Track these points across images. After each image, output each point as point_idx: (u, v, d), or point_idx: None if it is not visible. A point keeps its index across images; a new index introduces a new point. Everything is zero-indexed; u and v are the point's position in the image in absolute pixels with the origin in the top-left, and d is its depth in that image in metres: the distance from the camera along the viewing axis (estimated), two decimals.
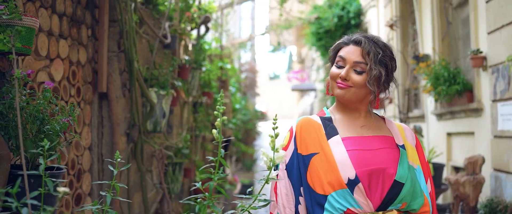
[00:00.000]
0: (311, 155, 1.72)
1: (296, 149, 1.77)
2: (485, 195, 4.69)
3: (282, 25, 10.90)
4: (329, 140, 1.74)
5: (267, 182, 1.56)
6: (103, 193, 1.43)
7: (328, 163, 1.69)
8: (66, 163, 2.73)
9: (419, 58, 6.37)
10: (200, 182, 1.53)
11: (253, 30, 16.57)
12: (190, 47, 5.55)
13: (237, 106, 10.14)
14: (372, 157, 1.72)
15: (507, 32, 4.41)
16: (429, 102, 6.64)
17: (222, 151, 1.52)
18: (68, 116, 1.96)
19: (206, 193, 1.50)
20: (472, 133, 5.37)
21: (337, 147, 1.73)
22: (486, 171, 4.84)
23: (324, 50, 11.84)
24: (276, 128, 1.55)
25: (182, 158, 4.63)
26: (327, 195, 1.66)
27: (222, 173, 1.53)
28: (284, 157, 1.57)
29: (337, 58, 1.81)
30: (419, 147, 1.87)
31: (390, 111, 8.53)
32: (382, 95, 1.82)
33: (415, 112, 7.43)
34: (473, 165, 4.69)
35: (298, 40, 20.14)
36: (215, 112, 1.59)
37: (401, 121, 6.94)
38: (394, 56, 1.82)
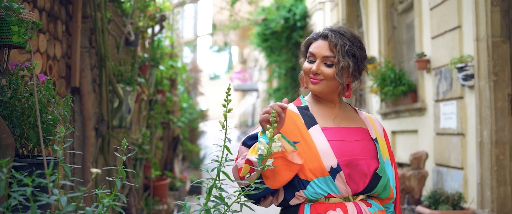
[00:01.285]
0: (292, 143, 1.75)
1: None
2: (428, 187, 5.06)
3: (231, 25, 11.04)
4: (309, 129, 1.79)
5: (263, 168, 1.67)
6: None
7: (310, 151, 1.75)
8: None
9: (369, 61, 6.72)
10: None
11: (195, 30, 16.59)
12: (146, 45, 5.60)
13: (185, 105, 10.19)
14: (351, 148, 1.79)
15: (450, 38, 4.78)
16: (374, 102, 7.00)
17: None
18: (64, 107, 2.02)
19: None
20: (415, 131, 5.74)
21: (318, 136, 1.79)
22: (429, 166, 5.21)
23: (269, 51, 12.09)
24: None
25: (143, 154, 4.68)
26: (309, 181, 1.75)
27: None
28: (280, 147, 1.69)
29: (308, 54, 1.86)
30: (386, 137, 1.95)
31: None
32: (354, 85, 1.90)
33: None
34: (418, 161, 5.04)
35: (241, 40, 20.36)
36: (222, 103, 1.70)
37: None
38: (362, 46, 1.86)
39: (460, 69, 4.45)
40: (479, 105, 4.29)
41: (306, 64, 1.86)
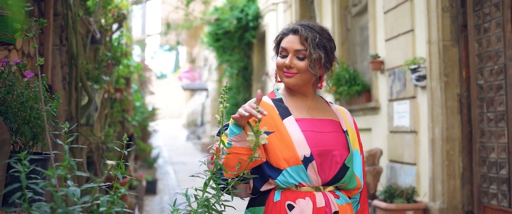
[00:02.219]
0: (266, 134, 1.79)
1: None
2: (382, 183, 5.32)
3: (185, 24, 11.04)
4: (283, 120, 1.85)
5: (251, 159, 1.77)
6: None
7: (284, 141, 1.81)
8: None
9: None
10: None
11: (144, 29, 16.43)
12: (106, 44, 5.57)
13: (138, 104, 10.11)
14: (324, 139, 1.86)
15: (403, 40, 5.06)
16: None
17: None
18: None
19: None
20: (369, 129, 6.01)
21: (292, 126, 1.84)
22: (383, 162, 5.47)
23: (221, 51, 12.18)
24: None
25: (106, 152, 4.67)
26: (282, 170, 1.80)
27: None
28: (266, 138, 1.74)
29: (280, 49, 1.91)
30: (356, 129, 2.02)
31: None
32: (326, 76, 1.97)
33: None
34: (373, 157, 5.29)
35: (189, 40, 20.30)
36: (219, 100, 1.80)
37: None
38: (331, 37, 1.92)
39: (413, 71, 4.73)
40: (431, 104, 4.57)
41: (279, 59, 1.91)
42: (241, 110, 1.79)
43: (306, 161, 1.81)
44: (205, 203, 1.74)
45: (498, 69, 4.09)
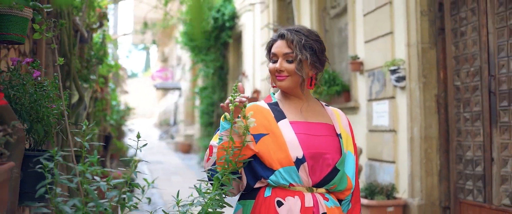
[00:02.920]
0: (261, 135, 1.91)
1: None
2: (362, 180, 5.48)
3: (162, 24, 11.04)
4: (278, 123, 1.92)
5: (243, 144, 1.84)
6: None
7: (278, 142, 1.88)
8: None
9: None
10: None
11: (116, 28, 16.30)
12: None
13: (114, 103, 10.07)
14: (317, 142, 1.92)
15: (382, 42, 5.23)
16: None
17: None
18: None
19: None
20: None
21: (286, 129, 1.91)
22: (362, 161, 5.63)
23: (197, 50, 12.21)
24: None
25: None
26: (275, 170, 1.87)
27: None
28: (254, 121, 1.81)
29: (271, 55, 1.98)
30: (351, 130, 2.07)
31: None
32: (318, 76, 2.04)
33: None
34: None
35: (162, 39, 20.21)
36: (230, 98, 1.88)
37: None
38: (319, 39, 1.97)
39: (393, 72, 4.90)
40: (410, 104, 4.75)
41: (270, 65, 1.98)
42: (227, 100, 1.88)
43: (298, 162, 1.87)
44: (217, 197, 1.82)
45: (474, 71, 4.29)
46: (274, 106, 1.99)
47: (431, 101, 4.68)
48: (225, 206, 1.80)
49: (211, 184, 1.88)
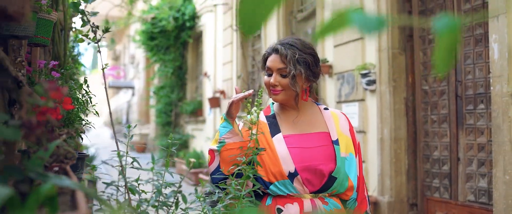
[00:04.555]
0: (260, 150, 1.96)
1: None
2: None
3: (125, 22, 10.91)
4: (273, 138, 1.99)
5: (253, 138, 1.97)
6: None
7: (273, 157, 1.95)
8: None
9: None
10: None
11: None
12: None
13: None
14: (310, 154, 1.97)
15: (353, 47, 5.46)
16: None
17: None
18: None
19: None
20: None
21: (279, 144, 1.98)
22: None
23: (156, 49, 12.14)
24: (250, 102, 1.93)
25: None
26: (271, 183, 1.95)
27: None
28: (259, 114, 1.91)
29: (266, 68, 2.03)
30: (352, 131, 2.10)
31: None
32: (312, 87, 2.08)
33: None
34: None
35: (114, 37, 19.87)
36: (258, 100, 1.98)
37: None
38: (314, 52, 2.01)
39: (364, 75, 5.13)
40: (380, 107, 5.00)
41: (265, 78, 2.03)
42: (230, 101, 2.00)
43: (291, 176, 1.94)
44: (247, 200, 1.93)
45: (441, 77, 4.58)
46: (271, 119, 2.06)
47: (401, 104, 4.95)
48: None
49: (221, 188, 1.98)
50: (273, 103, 2.15)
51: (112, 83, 19.49)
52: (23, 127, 0.96)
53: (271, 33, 7.63)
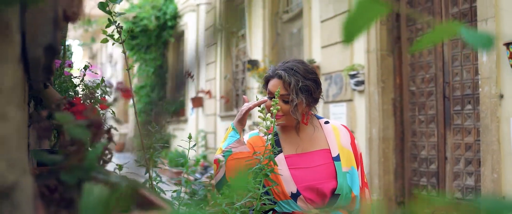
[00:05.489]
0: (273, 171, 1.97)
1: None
2: None
3: (105, 22, 10.79)
4: (275, 158, 1.95)
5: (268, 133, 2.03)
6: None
7: (275, 178, 1.96)
8: None
9: (252, 63, 7.30)
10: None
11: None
12: None
13: None
14: (311, 174, 2.00)
15: (340, 48, 5.55)
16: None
17: None
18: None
19: None
20: None
21: (281, 164, 2.00)
22: None
23: (137, 48, 12.07)
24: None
25: None
26: (277, 201, 1.97)
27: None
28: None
29: (267, 90, 2.04)
30: (353, 143, 2.11)
31: (211, 108, 9.31)
32: (312, 111, 2.09)
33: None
34: None
35: (89, 35, 19.62)
36: (273, 104, 2.02)
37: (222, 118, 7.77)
38: (316, 77, 2.01)
39: (352, 76, 5.23)
40: (369, 107, 5.11)
41: (268, 101, 2.03)
42: (243, 109, 2.05)
43: (294, 196, 1.97)
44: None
45: (429, 78, 4.71)
46: (274, 137, 2.06)
47: (389, 104, 5.06)
48: None
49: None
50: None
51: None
52: (91, 126, 0.99)
53: (256, 33, 7.68)
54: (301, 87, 1.95)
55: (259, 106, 2.00)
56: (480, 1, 3.87)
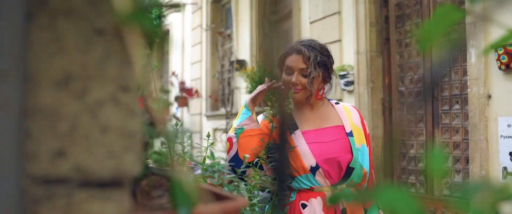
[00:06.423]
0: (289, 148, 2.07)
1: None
2: None
3: None
4: (291, 135, 2.09)
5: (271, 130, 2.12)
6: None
7: (293, 153, 2.06)
8: None
9: (240, 63, 7.36)
10: None
11: None
12: None
13: None
14: (328, 148, 2.10)
15: (331, 49, 5.64)
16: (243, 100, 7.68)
17: None
18: None
19: None
20: None
21: (298, 140, 2.10)
22: None
23: None
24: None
25: None
26: (295, 177, 2.07)
27: None
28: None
29: (285, 67, 2.17)
30: (363, 123, 2.26)
31: (197, 108, 9.34)
32: (327, 88, 2.24)
33: (226, 110, 8.40)
34: None
35: None
36: (288, 104, 2.09)
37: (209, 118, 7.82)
38: (330, 54, 2.19)
39: (342, 77, 5.34)
40: (359, 107, 5.22)
41: (285, 76, 2.16)
42: (259, 89, 2.16)
43: (313, 169, 2.07)
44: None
45: (418, 78, 4.84)
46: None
47: (378, 104, 5.18)
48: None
49: (239, 177, 2.08)
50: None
51: None
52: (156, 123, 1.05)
53: (244, 33, 7.75)
54: (319, 62, 2.09)
55: (271, 92, 2.08)
56: (468, 4, 4.01)
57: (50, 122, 0.56)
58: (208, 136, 1.99)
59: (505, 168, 3.76)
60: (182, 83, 7.49)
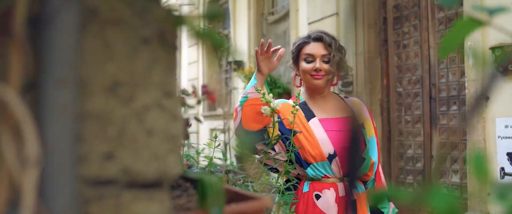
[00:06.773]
0: (295, 132, 2.07)
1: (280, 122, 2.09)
2: None
3: None
4: (309, 121, 2.14)
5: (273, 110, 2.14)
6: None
7: (311, 140, 2.10)
8: None
9: (238, 63, 7.40)
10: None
11: None
12: None
13: None
14: (344, 136, 2.09)
15: None
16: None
17: None
18: None
19: None
20: None
21: (316, 127, 2.14)
22: None
23: None
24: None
25: None
26: (310, 164, 2.11)
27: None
28: (279, 104, 2.02)
29: (304, 56, 2.20)
30: (371, 116, 2.31)
31: (193, 108, 9.36)
32: (342, 74, 2.38)
33: (219, 111, 8.42)
34: None
35: None
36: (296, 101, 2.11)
37: (200, 118, 7.85)
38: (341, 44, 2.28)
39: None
40: None
41: (305, 65, 2.20)
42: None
43: (331, 157, 2.12)
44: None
45: (415, 80, 4.89)
46: (303, 105, 2.23)
47: (376, 105, 5.23)
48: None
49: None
50: (298, 93, 2.24)
51: None
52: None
53: (241, 34, 7.78)
54: (339, 47, 2.20)
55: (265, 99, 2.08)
56: (466, 6, 4.06)
57: (100, 126, 0.59)
58: (216, 137, 2.01)
59: (502, 169, 3.81)
60: (204, 86, 7.50)
